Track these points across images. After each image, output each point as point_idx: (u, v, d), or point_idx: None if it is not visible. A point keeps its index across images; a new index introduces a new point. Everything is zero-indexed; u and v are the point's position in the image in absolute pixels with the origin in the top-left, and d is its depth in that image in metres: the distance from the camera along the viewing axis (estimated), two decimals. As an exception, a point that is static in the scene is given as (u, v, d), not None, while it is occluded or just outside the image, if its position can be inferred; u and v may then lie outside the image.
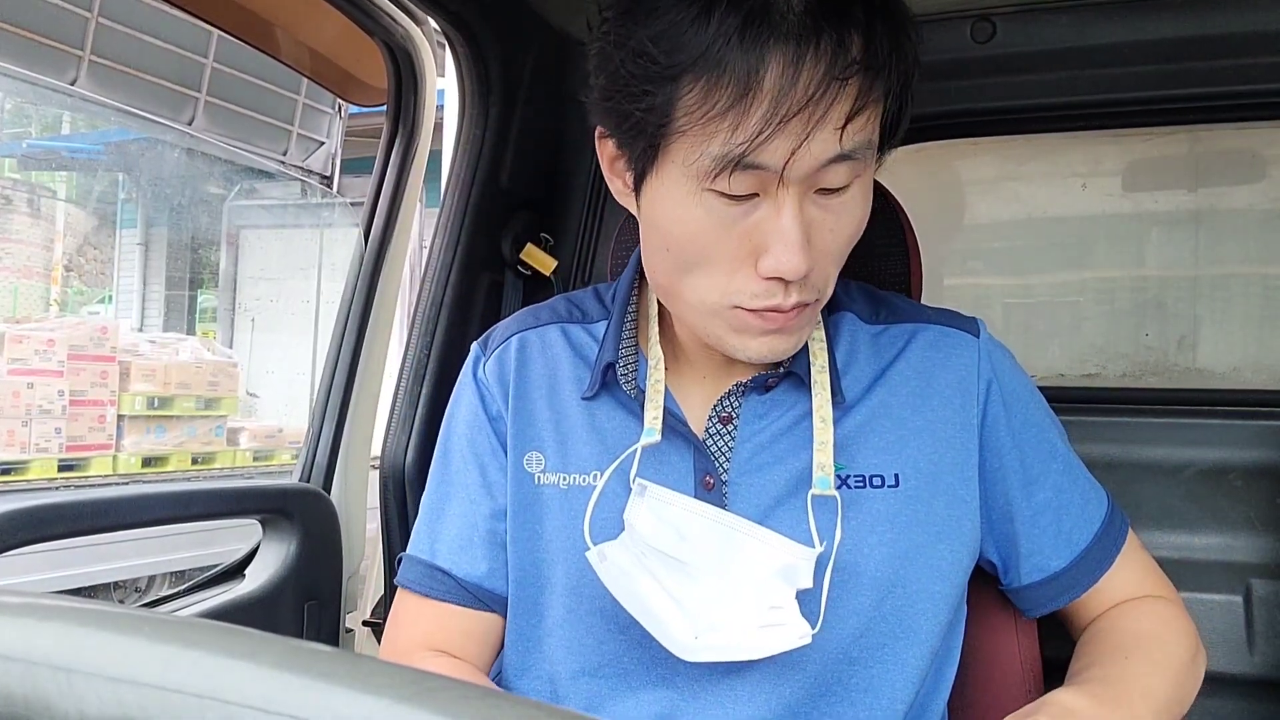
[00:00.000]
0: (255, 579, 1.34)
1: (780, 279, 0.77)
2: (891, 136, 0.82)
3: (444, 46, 1.46)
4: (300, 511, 1.38)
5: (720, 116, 0.72)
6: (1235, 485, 1.43)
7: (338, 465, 1.48)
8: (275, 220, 8.73)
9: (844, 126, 0.73)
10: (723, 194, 0.75)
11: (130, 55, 4.79)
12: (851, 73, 0.72)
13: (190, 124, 5.19)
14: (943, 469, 0.88)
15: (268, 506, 1.37)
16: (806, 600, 0.83)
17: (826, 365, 0.89)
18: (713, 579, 0.82)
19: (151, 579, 5.00)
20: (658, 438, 0.87)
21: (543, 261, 1.49)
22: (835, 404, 0.88)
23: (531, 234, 1.51)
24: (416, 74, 1.48)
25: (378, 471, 1.38)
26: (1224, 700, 1.35)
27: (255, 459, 6.39)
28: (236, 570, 1.37)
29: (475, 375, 0.99)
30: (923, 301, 1.10)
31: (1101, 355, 1.92)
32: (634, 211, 0.86)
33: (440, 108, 1.57)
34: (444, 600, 0.95)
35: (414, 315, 1.42)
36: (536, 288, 1.53)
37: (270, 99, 5.53)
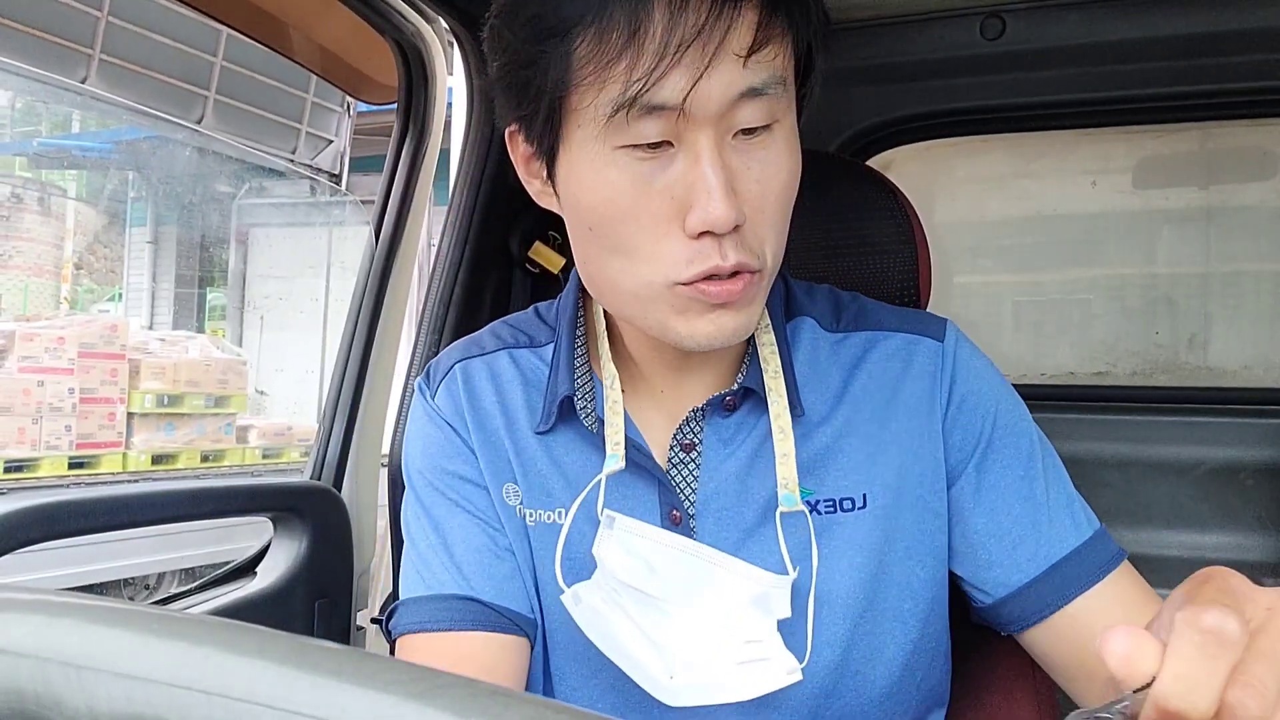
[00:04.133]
0: (266, 577, 1.34)
1: (711, 234, 0.71)
2: (805, 81, 0.79)
3: (454, 45, 1.46)
4: (311, 509, 1.39)
5: (615, 61, 0.69)
6: (1246, 484, 1.43)
7: (348, 463, 1.48)
8: (284, 218, 8.75)
9: (747, 56, 0.70)
10: (633, 147, 0.71)
11: (140, 54, 4.80)
12: None
13: (199, 122, 5.21)
14: (909, 482, 0.83)
15: (279, 504, 1.37)
16: (789, 632, 0.79)
17: (780, 371, 0.83)
18: (686, 613, 0.79)
19: (161, 576, 5.02)
20: (621, 464, 0.82)
21: (551, 259, 1.49)
22: (795, 416, 0.82)
23: (540, 232, 1.51)
24: (427, 72, 1.48)
25: (388, 469, 1.38)
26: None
27: (264, 457, 6.40)
28: (248, 568, 1.37)
29: (428, 406, 0.92)
30: (932, 300, 1.09)
31: (1112, 353, 1.92)
32: (557, 209, 0.82)
33: (450, 105, 1.57)
34: (479, 631, 0.84)
35: (422, 313, 1.42)
36: (545, 285, 1.53)
37: (279, 97, 5.55)
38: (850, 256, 1.08)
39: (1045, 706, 1.00)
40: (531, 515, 0.86)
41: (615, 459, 0.82)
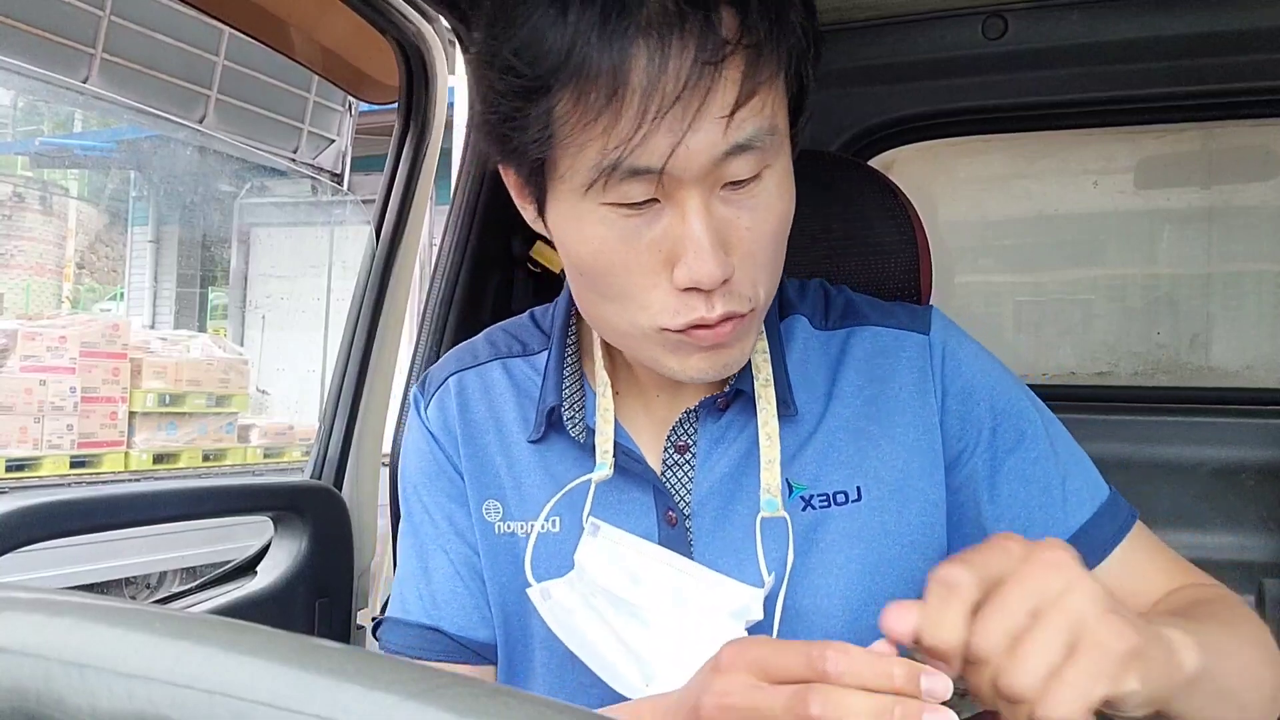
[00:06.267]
0: (267, 576, 1.34)
1: (699, 289, 0.71)
2: (797, 117, 0.77)
3: (455, 44, 1.46)
4: (312, 509, 1.39)
5: (594, 123, 0.67)
6: (1248, 484, 1.42)
7: (349, 463, 1.48)
8: (286, 218, 8.76)
9: (730, 115, 0.67)
10: (618, 205, 0.70)
11: (142, 53, 4.81)
12: (724, 55, 0.66)
13: (201, 122, 5.21)
14: (910, 475, 0.83)
15: (279, 504, 1.37)
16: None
17: (771, 378, 0.83)
18: (666, 624, 0.78)
19: (162, 575, 5.02)
20: (609, 472, 0.83)
21: (553, 259, 1.49)
22: (786, 417, 0.83)
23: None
24: (428, 71, 1.48)
25: (388, 469, 1.38)
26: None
27: (266, 456, 6.41)
28: (248, 567, 1.38)
29: (420, 419, 0.94)
30: (933, 300, 1.09)
31: (1113, 354, 1.92)
32: (550, 237, 0.81)
33: (451, 105, 1.57)
34: (443, 662, 0.90)
35: (423, 313, 1.42)
36: (547, 285, 1.53)
37: (281, 97, 5.56)
38: (851, 256, 1.08)
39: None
40: (519, 527, 0.87)
41: (604, 467, 0.83)
